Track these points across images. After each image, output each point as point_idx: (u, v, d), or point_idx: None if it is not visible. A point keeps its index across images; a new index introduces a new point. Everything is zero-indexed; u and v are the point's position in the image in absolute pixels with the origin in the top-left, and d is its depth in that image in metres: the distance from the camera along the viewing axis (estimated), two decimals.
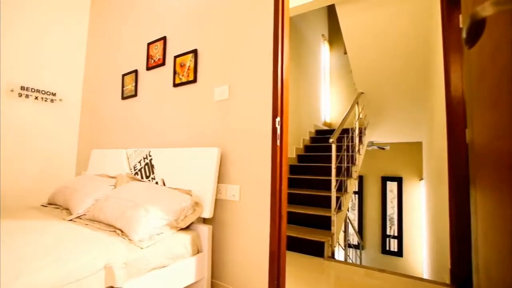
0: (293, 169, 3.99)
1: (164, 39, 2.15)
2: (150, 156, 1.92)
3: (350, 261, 4.29)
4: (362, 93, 4.21)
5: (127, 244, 1.26)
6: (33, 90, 2.55)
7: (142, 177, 1.94)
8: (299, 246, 2.50)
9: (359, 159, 3.99)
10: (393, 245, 5.84)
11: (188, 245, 1.47)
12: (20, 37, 2.49)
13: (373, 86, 4.12)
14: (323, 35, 6.26)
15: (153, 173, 1.86)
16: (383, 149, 6.12)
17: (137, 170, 1.98)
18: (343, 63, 6.25)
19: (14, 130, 2.44)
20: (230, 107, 1.70)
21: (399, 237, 5.79)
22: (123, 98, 2.43)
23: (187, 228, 1.54)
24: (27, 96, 2.51)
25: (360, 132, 4.20)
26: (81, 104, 2.93)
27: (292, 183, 3.63)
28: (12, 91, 2.42)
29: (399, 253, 5.75)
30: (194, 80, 1.88)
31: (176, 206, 1.47)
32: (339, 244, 3.23)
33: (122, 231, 1.36)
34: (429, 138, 3.49)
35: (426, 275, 3.95)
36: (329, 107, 6.35)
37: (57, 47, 2.75)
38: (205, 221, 1.66)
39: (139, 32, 2.40)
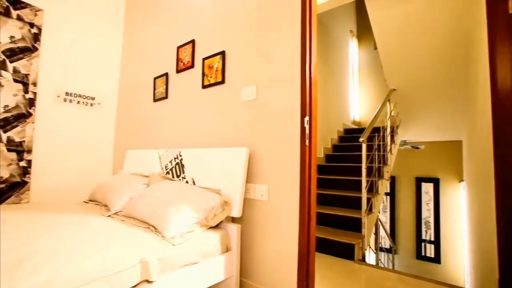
0: (321, 169, 3.91)
1: (192, 42, 2.21)
2: (180, 156, 1.98)
3: (382, 266, 4.12)
4: (394, 89, 4.01)
5: (160, 241, 1.31)
6: (75, 95, 2.77)
7: (173, 176, 2.01)
8: (328, 247, 2.44)
9: (391, 159, 3.81)
10: (430, 250, 5.48)
11: (218, 243, 1.50)
12: (62, 49, 2.71)
13: (406, 82, 3.91)
14: (351, 31, 6.06)
15: (183, 173, 1.92)
16: (417, 148, 5.78)
17: (168, 170, 2.06)
18: (373, 59, 6.00)
19: (60, 132, 2.67)
20: (257, 107, 1.71)
21: (436, 243, 5.42)
22: (155, 100, 2.54)
23: (216, 226, 1.57)
24: (70, 101, 2.73)
25: (392, 131, 4.01)
26: (117, 107, 3.12)
27: (320, 183, 3.55)
28: (58, 97, 2.65)
29: (437, 259, 5.38)
30: (222, 81, 1.91)
31: (206, 205, 1.50)
32: (370, 247, 3.11)
33: (155, 228, 1.42)
34: (470, 137, 3.24)
35: (468, 285, 3.67)
36: (358, 105, 6.14)
37: (95, 56, 2.95)
38: (233, 220, 1.68)
39: (169, 36, 2.50)
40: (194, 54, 2.19)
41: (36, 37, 2.53)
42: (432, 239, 5.47)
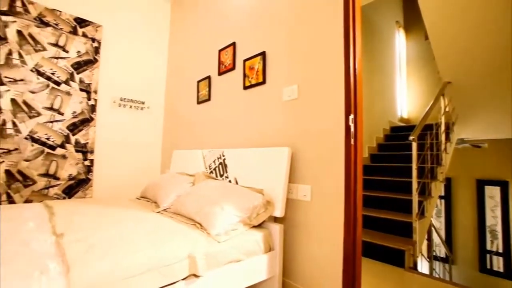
0: (365, 169, 3.71)
1: (233, 44, 2.26)
2: (223, 156, 2.05)
3: (437, 276, 3.76)
4: (449, 82, 3.64)
5: (206, 237, 1.36)
6: (128, 100, 3.04)
7: (216, 176, 2.08)
8: (375, 252, 2.31)
9: (446, 158, 3.47)
10: (497, 263, 4.74)
11: (261, 242, 1.51)
12: (117, 59, 3.00)
13: (464, 74, 3.52)
14: (397, 22, 5.66)
15: (226, 172, 1.98)
16: (479, 147, 5.15)
17: (212, 169, 2.14)
18: (423, 50, 5.53)
19: (116, 134, 2.95)
20: (299, 107, 1.68)
21: (507, 255, 4.67)
22: (198, 102, 2.66)
23: (259, 226, 1.59)
24: (124, 105, 3.01)
25: (447, 128, 3.64)
26: (164, 110, 3.34)
27: (364, 185, 3.38)
28: (114, 102, 2.94)
29: (508, 274, 4.63)
30: (263, 82, 1.93)
31: (249, 204, 1.52)
32: (422, 254, 2.87)
33: (201, 225, 1.49)
34: None
35: None
36: (406, 101, 5.70)
37: (144, 64, 3.21)
38: (276, 220, 1.68)
39: (211, 41, 2.59)
40: (235, 56, 2.24)
41: (97, 50, 2.83)
42: (500, 250, 4.78)
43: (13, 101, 2.36)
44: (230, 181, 1.93)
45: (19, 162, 2.37)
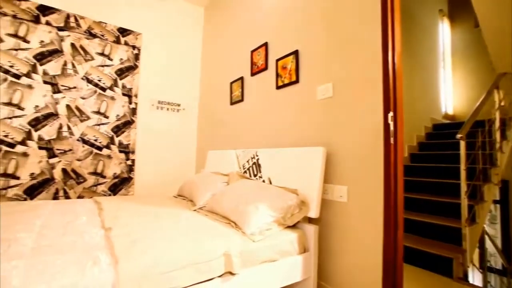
0: (405, 169, 3.48)
1: (265, 44, 2.27)
2: (257, 156, 2.06)
3: None
4: (505, 73, 3.28)
5: (241, 236, 1.38)
6: (165, 103, 3.20)
7: (250, 176, 2.10)
8: (417, 259, 2.16)
9: (502, 159, 3.13)
10: None
11: (295, 242, 1.49)
12: (155, 64, 3.17)
13: None
14: (440, 10, 5.24)
15: (260, 172, 1.99)
16: None
17: (246, 169, 2.17)
18: (472, 39, 5.04)
19: (154, 135, 3.12)
20: (334, 105, 1.64)
21: None
22: (232, 103, 2.71)
23: (293, 226, 1.57)
24: (161, 108, 3.17)
25: (503, 124, 3.28)
26: (198, 111, 3.46)
27: (404, 186, 3.17)
28: (152, 105, 3.12)
29: None
30: (296, 81, 1.90)
31: (283, 203, 1.51)
32: (473, 264, 2.61)
33: (235, 224, 1.51)
34: None
35: None
36: (451, 96, 5.25)
37: (179, 68, 3.36)
38: (311, 221, 1.64)
39: (243, 42, 2.63)
40: (268, 56, 2.24)
41: (137, 57, 3.02)
42: None
43: (68, 107, 2.61)
44: (264, 181, 1.94)
45: (73, 161, 2.62)
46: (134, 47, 3.00)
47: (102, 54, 2.81)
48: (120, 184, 2.86)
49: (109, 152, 2.81)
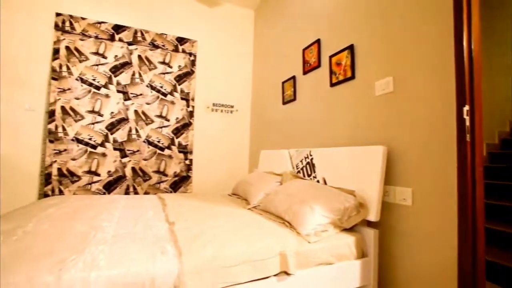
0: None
1: (318, 41, 2.21)
2: (311, 155, 2.02)
3: None
4: None
5: (296, 237, 1.37)
6: (219, 105, 3.36)
7: (304, 175, 2.07)
8: (500, 276, 1.86)
9: None
10: None
11: (353, 246, 1.42)
12: (209, 69, 3.35)
13: None
14: None
15: (314, 172, 1.95)
16: None
17: (299, 169, 2.14)
18: None
19: (209, 136, 3.30)
20: (395, 100, 1.51)
21: None
22: (284, 103, 2.70)
23: (351, 229, 1.50)
24: (216, 110, 3.34)
25: None
26: (250, 112, 3.54)
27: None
28: (208, 107, 3.31)
29: None
30: (352, 77, 1.81)
31: (339, 205, 1.46)
32: None
33: (290, 224, 1.50)
34: None
35: None
36: None
37: (232, 70, 3.49)
38: (370, 224, 1.55)
39: (294, 41, 2.60)
40: (320, 53, 2.18)
41: (193, 63, 3.23)
42: None
43: (136, 112, 2.93)
44: (318, 181, 1.89)
45: (140, 161, 2.92)
46: (190, 54, 3.21)
47: (163, 62, 3.07)
48: (179, 182, 3.09)
49: (170, 152, 3.06)
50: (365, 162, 1.55)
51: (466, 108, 1.21)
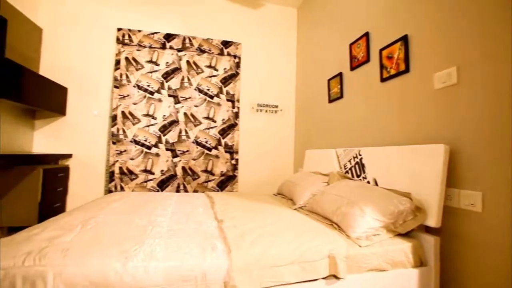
0: None
1: (366, 35, 2.09)
2: (360, 155, 1.92)
3: None
4: None
5: (345, 239, 1.31)
6: (264, 106, 3.40)
7: (352, 176, 1.98)
8: None
9: None
10: None
11: (409, 253, 1.31)
12: (253, 70, 3.39)
13: None
14: None
15: (364, 172, 1.85)
16: None
17: (347, 169, 2.05)
18: None
19: (254, 136, 3.36)
20: (460, 93, 1.35)
21: None
22: (330, 101, 2.62)
23: (406, 234, 1.38)
24: (260, 110, 3.38)
25: None
26: (295, 111, 3.50)
27: None
28: (252, 108, 3.36)
29: None
30: (406, 70, 1.67)
31: (393, 208, 1.36)
32: None
33: (338, 226, 1.45)
34: None
35: None
36: None
37: (275, 71, 3.50)
38: (429, 230, 1.41)
39: (339, 37, 2.50)
40: (369, 47, 2.06)
41: (238, 65, 3.31)
42: None
43: (185, 114, 3.11)
44: (368, 182, 1.79)
45: (189, 161, 3.09)
46: (235, 56, 3.30)
47: (209, 66, 3.21)
48: (226, 181, 3.20)
49: (217, 152, 3.18)
50: (422, 162, 1.42)
51: None
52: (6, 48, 2.25)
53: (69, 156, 2.82)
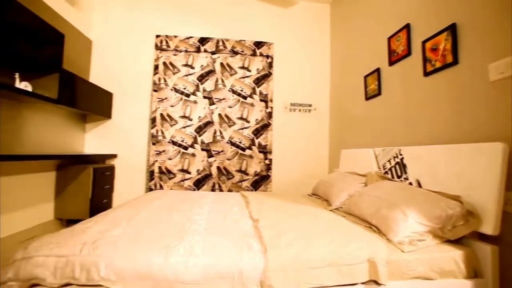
0: None
1: (406, 27, 1.96)
2: (400, 155, 1.81)
3: None
4: None
5: (386, 243, 1.24)
6: (297, 105, 3.36)
7: (392, 176, 1.87)
8: None
9: None
10: None
11: (461, 262, 1.20)
12: (286, 70, 3.36)
13: None
14: None
15: (405, 173, 1.73)
16: None
17: (386, 169, 1.94)
18: None
19: (288, 135, 3.33)
20: None
21: None
22: (367, 98, 2.50)
23: (456, 241, 1.27)
24: (294, 110, 3.35)
25: None
26: (329, 110, 3.41)
27: None
28: (286, 108, 3.34)
29: None
30: (454, 62, 1.54)
31: (440, 212, 1.25)
32: None
33: (378, 229, 1.38)
34: None
35: None
36: None
37: (309, 70, 3.44)
38: (484, 238, 1.28)
39: (376, 31, 2.37)
40: (410, 40, 1.93)
41: (270, 65, 3.31)
42: None
43: (219, 115, 3.18)
44: (410, 183, 1.68)
45: (224, 160, 3.16)
46: (267, 56, 3.31)
47: (242, 67, 3.25)
48: (260, 181, 3.21)
49: (251, 152, 3.21)
50: (474, 162, 1.29)
51: None
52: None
53: (114, 156, 3.06)
